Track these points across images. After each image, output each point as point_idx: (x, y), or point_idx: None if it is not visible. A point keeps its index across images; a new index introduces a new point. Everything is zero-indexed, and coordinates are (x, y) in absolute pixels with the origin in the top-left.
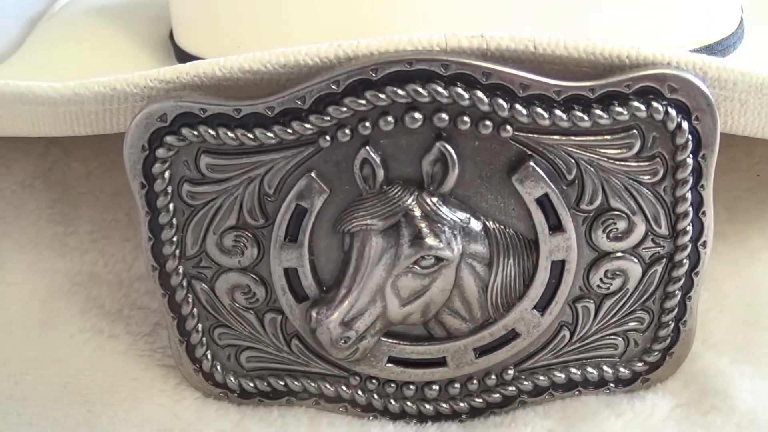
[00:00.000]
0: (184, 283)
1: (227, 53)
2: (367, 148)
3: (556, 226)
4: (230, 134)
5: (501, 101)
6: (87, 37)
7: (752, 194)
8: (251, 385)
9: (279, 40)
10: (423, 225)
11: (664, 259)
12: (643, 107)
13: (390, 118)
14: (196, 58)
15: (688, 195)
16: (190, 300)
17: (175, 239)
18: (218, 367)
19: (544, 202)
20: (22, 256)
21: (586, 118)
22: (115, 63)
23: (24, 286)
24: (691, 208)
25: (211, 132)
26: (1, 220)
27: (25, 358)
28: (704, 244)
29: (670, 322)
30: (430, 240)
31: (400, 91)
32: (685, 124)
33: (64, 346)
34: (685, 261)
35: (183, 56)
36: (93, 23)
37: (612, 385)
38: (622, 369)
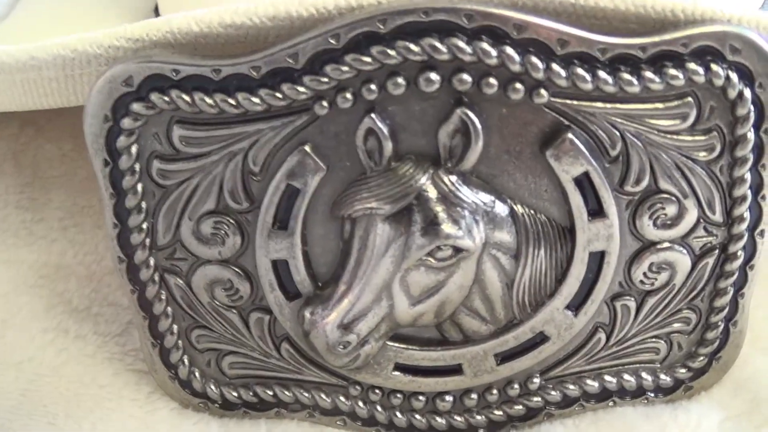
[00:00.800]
0: (156, 278)
1: None
2: (373, 116)
3: (596, 212)
4: (208, 100)
5: (535, 60)
6: (71, 11)
7: None
8: (235, 394)
9: None
10: (439, 209)
11: (717, 251)
12: (701, 70)
13: (401, 80)
14: None
15: (747, 176)
16: (163, 297)
17: (144, 226)
18: (197, 374)
19: (583, 183)
20: None
21: (635, 81)
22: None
23: None
24: (749, 191)
25: (186, 97)
26: None
27: None
28: (762, 233)
29: (719, 323)
30: (447, 227)
31: (413, 47)
32: (747, 92)
33: (24, 348)
34: (740, 253)
35: None
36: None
37: (651, 394)
38: (663, 376)
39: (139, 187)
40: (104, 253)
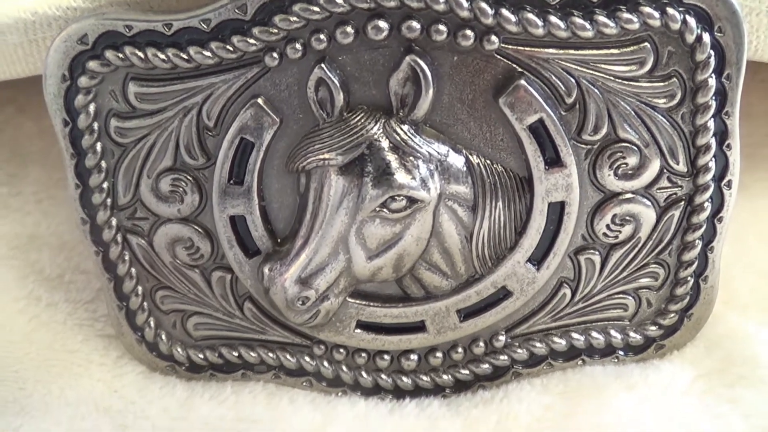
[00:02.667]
0: (119, 238)
1: None
2: (323, 66)
3: (553, 161)
4: (161, 55)
5: (484, 5)
6: None
7: None
8: (201, 356)
9: None
10: (392, 158)
11: (683, 202)
12: (656, 14)
13: (349, 29)
14: None
15: (711, 123)
16: (126, 258)
17: (105, 186)
18: (163, 336)
19: (538, 131)
20: None
21: (587, 26)
22: None
23: None
24: (713, 140)
25: (139, 53)
26: None
27: None
28: (729, 183)
29: (688, 278)
30: (400, 176)
31: None
32: (706, 37)
33: None
34: (706, 204)
35: None
36: None
37: (621, 352)
38: (632, 334)
39: (98, 146)
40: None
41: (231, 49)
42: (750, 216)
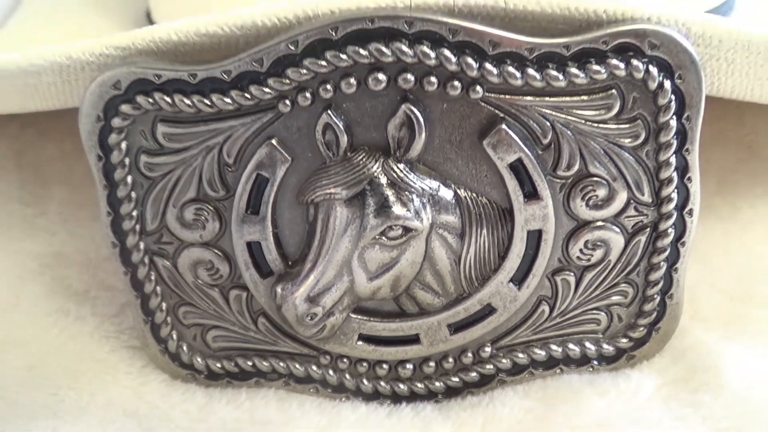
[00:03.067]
0: (146, 260)
1: None
2: (329, 112)
3: (531, 194)
4: (186, 101)
5: (469, 60)
6: (67, 17)
7: (743, 165)
8: (218, 365)
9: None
10: (389, 193)
11: (648, 229)
12: (621, 65)
13: (352, 80)
14: None
15: (672, 159)
16: (152, 277)
17: (134, 214)
18: (184, 348)
19: (518, 168)
20: None
21: (560, 77)
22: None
23: None
24: (675, 174)
25: (167, 99)
26: None
27: None
28: (690, 212)
29: (655, 296)
30: (397, 209)
31: (362, 51)
32: (667, 83)
33: (30, 329)
34: (670, 230)
35: None
36: (74, 2)
37: (595, 362)
38: (605, 345)
39: (129, 179)
40: (100, 242)
41: (249, 96)
42: (719, 238)
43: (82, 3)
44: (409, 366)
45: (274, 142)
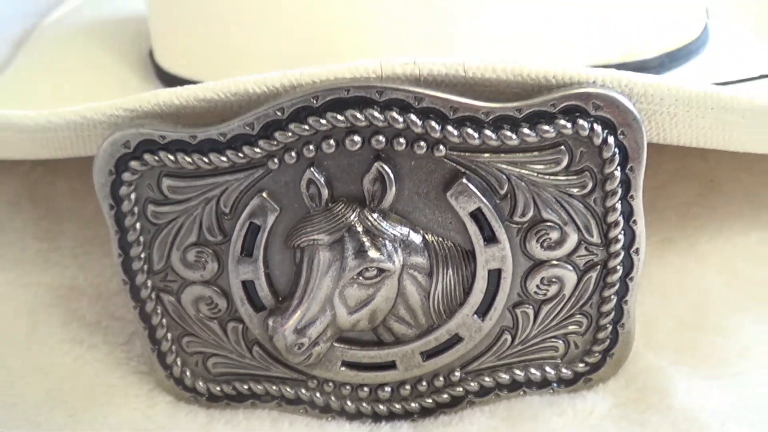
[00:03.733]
0: (153, 296)
1: (201, 73)
2: (312, 169)
3: (490, 238)
4: (187, 159)
5: (433, 123)
6: (72, 56)
7: (703, 200)
8: (218, 389)
9: (250, 61)
10: (365, 239)
11: (599, 266)
12: (568, 125)
13: (332, 142)
14: (174, 77)
15: (618, 205)
16: (159, 311)
17: (142, 255)
18: (187, 373)
19: (478, 216)
20: (7, 273)
21: (514, 136)
22: (97, 82)
23: (8, 300)
24: (621, 218)
25: (171, 157)
26: None
27: (11, 367)
28: (637, 251)
29: (608, 325)
30: (372, 253)
31: (339, 117)
32: (611, 139)
33: (47, 356)
34: (618, 267)
35: (161, 74)
36: (79, 43)
37: (555, 385)
38: (564, 370)
39: (138, 225)
40: (110, 276)
41: (242, 155)
42: (676, 269)
43: (86, 44)
44: (387, 389)
45: (264, 194)
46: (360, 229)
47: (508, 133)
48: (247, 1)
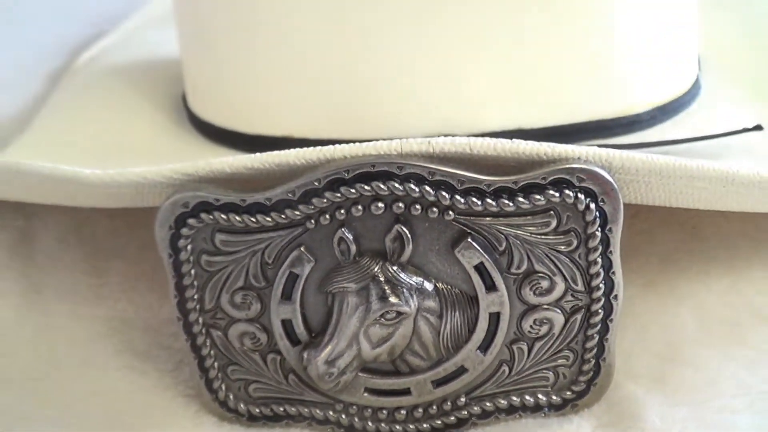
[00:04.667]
0: (203, 331)
1: (232, 123)
2: (343, 229)
3: (491, 286)
4: (238, 218)
5: (444, 193)
6: (107, 97)
7: (684, 245)
8: (257, 410)
9: (281, 117)
10: (387, 287)
11: (583, 310)
12: (557, 194)
13: (360, 207)
14: (207, 123)
15: (599, 260)
16: (208, 344)
17: (196, 297)
18: (231, 397)
19: (481, 268)
20: (62, 305)
21: (510, 204)
22: (134, 125)
23: (66, 330)
24: (602, 270)
25: (223, 216)
26: (42, 272)
27: (71, 391)
28: (615, 297)
29: (591, 359)
30: (392, 299)
31: (366, 187)
32: (592, 206)
33: (103, 382)
34: (600, 311)
35: (194, 119)
36: (111, 87)
37: (546, 409)
38: (554, 397)
39: (192, 272)
40: (158, 310)
41: (284, 217)
42: (656, 309)
43: (118, 88)
44: (403, 411)
45: (302, 248)
46: (382, 278)
47: (506, 201)
48: (280, 60)
